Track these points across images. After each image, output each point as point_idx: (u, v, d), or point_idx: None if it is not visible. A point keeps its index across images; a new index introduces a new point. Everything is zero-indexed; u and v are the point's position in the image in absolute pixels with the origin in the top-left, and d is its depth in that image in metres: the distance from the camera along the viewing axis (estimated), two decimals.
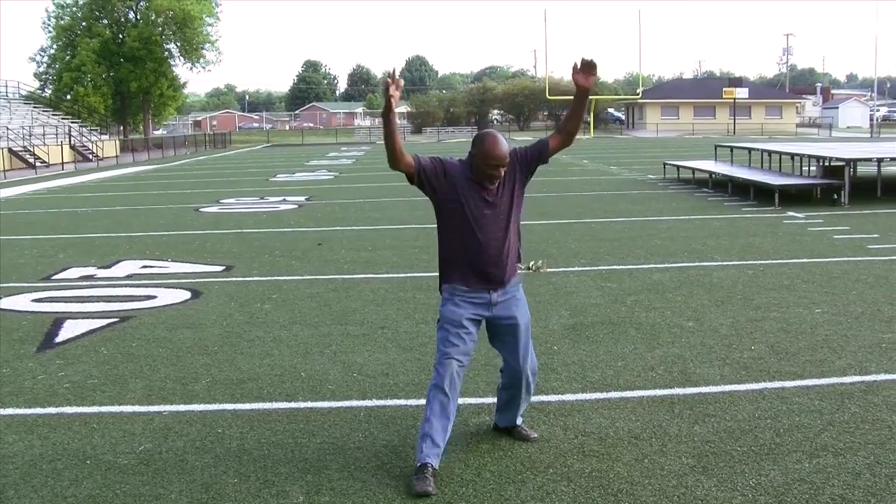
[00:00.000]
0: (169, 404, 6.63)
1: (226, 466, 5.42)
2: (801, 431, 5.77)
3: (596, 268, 11.84)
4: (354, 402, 6.56)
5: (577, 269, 11.80)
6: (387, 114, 5.04)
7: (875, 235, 14.23)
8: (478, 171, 5.19)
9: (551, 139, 5.41)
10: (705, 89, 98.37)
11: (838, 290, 10.04)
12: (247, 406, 6.56)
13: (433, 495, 4.91)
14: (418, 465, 5.10)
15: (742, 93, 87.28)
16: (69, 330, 9.04)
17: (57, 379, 7.34)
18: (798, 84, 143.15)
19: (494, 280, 5.31)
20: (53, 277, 12.27)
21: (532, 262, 5.54)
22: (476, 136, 5.24)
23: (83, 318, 9.59)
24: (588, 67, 5.29)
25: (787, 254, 12.72)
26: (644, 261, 12.27)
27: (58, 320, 9.48)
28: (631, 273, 11.42)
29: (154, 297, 10.65)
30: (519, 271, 5.51)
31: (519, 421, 5.80)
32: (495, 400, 5.92)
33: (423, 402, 5.87)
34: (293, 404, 6.56)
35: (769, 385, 6.74)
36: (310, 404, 6.55)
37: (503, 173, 5.21)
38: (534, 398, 6.49)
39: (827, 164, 21.46)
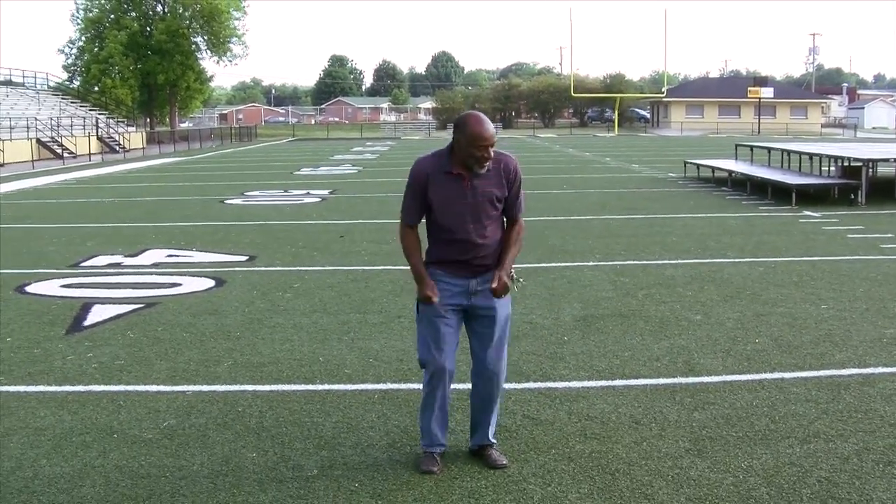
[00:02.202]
0: (192, 385, 6.94)
1: (245, 442, 5.72)
2: (795, 419, 6.01)
3: (611, 263, 12.08)
4: (370, 385, 6.85)
5: (591, 263, 12.06)
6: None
7: (889, 235, 14.39)
8: (464, 156, 4.98)
9: (510, 225, 5.28)
10: (731, 88, 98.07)
11: (846, 287, 10.25)
12: (266, 387, 6.86)
13: (437, 475, 5.16)
14: (425, 450, 5.32)
15: (767, 92, 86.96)
16: (97, 314, 9.37)
17: (85, 359, 7.66)
18: (825, 84, 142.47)
19: (472, 269, 5.15)
20: (81, 264, 12.62)
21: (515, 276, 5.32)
22: (458, 119, 5.05)
23: (110, 303, 9.92)
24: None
25: (799, 251, 12.93)
26: (658, 257, 12.50)
27: (86, 305, 9.80)
28: (644, 268, 11.66)
29: (179, 284, 10.97)
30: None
31: (492, 437, 5.41)
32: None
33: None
34: (311, 386, 6.85)
35: (769, 376, 6.98)
36: (327, 386, 6.84)
37: (492, 154, 5.00)
38: (541, 384, 6.81)
39: (845, 164, 21.56)
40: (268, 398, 6.60)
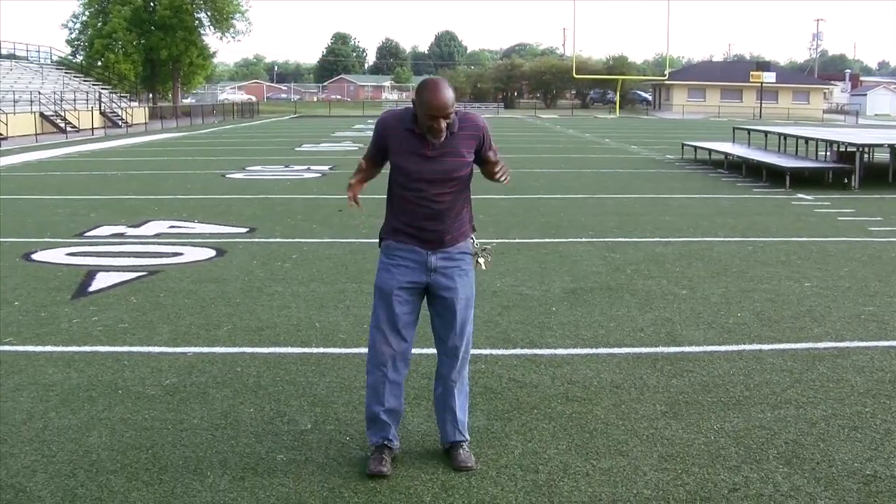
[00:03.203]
0: (193, 346, 7.22)
1: (243, 398, 6.01)
2: (769, 387, 6.29)
3: (603, 239, 12.35)
4: (363, 350, 7.03)
5: (584, 239, 12.33)
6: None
7: (878, 218, 14.66)
8: (420, 121, 4.66)
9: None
10: (734, 72, 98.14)
11: (831, 267, 10.52)
12: (264, 350, 7.15)
13: (388, 476, 4.82)
14: (373, 446, 4.95)
15: (769, 77, 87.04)
16: (101, 281, 9.65)
17: (91, 323, 7.95)
18: (829, 70, 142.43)
19: (430, 238, 4.79)
20: (86, 234, 12.90)
21: (480, 248, 5.03)
22: (419, 83, 4.73)
23: (114, 271, 10.20)
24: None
25: (789, 232, 13.20)
26: (650, 234, 12.77)
27: (90, 272, 10.08)
28: (635, 245, 11.94)
29: (181, 254, 11.25)
30: (470, 243, 4.97)
31: (463, 435, 5.06)
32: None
33: (423, 350, 6.46)
34: (307, 349, 7.14)
35: (748, 347, 7.27)
36: (322, 350, 7.13)
37: (444, 126, 4.63)
38: (528, 350, 7.09)
39: (841, 149, 21.78)
40: (265, 360, 6.89)
